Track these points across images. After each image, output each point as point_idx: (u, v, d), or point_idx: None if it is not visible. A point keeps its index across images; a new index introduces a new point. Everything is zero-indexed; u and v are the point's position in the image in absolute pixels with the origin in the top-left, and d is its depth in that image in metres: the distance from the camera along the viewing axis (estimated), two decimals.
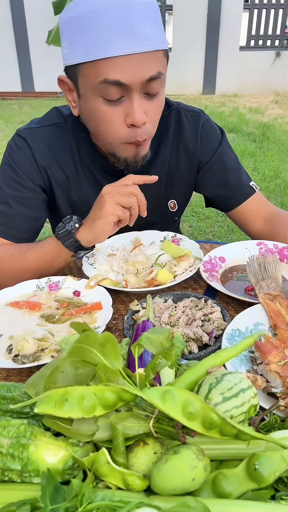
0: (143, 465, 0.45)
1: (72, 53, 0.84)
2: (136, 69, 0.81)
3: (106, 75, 0.81)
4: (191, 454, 0.42)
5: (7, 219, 1.03)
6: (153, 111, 0.89)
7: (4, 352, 0.75)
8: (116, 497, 0.41)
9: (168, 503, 0.41)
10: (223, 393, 0.47)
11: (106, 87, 0.82)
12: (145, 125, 0.88)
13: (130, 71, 0.80)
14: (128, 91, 0.83)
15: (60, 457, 0.45)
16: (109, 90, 0.83)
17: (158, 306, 0.82)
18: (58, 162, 1.05)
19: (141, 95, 0.85)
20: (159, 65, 0.84)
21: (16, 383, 0.55)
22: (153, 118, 0.91)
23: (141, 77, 0.82)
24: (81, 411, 0.44)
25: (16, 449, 0.45)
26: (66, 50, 0.86)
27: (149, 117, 0.89)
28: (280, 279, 0.88)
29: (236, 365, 0.65)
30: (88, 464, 0.44)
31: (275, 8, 8.17)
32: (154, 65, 0.83)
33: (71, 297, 0.91)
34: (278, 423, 0.52)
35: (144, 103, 0.87)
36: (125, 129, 0.88)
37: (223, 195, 1.16)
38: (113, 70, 0.80)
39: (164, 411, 0.43)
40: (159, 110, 0.93)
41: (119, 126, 0.88)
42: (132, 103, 0.84)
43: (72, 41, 0.83)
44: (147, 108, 0.87)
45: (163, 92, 0.92)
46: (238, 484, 0.43)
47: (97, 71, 0.81)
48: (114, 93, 0.83)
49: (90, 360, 0.49)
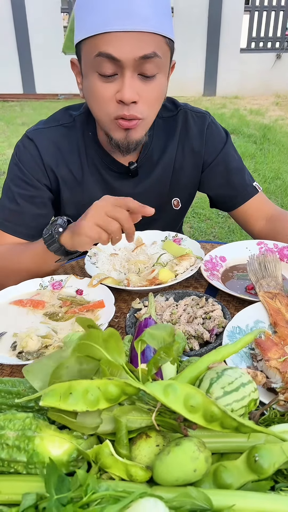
0: (145, 457, 0.46)
1: (78, 31, 0.87)
2: (130, 45, 0.82)
3: (100, 49, 0.83)
4: (193, 446, 0.43)
5: (15, 217, 1.06)
6: (147, 93, 0.89)
7: (9, 349, 0.76)
8: (119, 488, 0.42)
9: (170, 493, 0.42)
10: (224, 387, 0.48)
11: (100, 61, 0.84)
12: (135, 105, 0.89)
13: (123, 47, 0.82)
14: (121, 68, 0.85)
15: (65, 449, 0.46)
16: (103, 65, 0.85)
17: (160, 305, 0.84)
18: (65, 161, 1.07)
19: (134, 74, 0.86)
20: (157, 48, 0.85)
21: (20, 378, 0.56)
22: (147, 100, 0.90)
23: (134, 54, 0.83)
24: (85, 404, 0.45)
25: (22, 441, 0.46)
26: (75, 30, 0.89)
27: (142, 99, 0.89)
28: (280, 277, 0.89)
29: (236, 362, 0.66)
30: (92, 456, 0.45)
31: (276, 10, 8.20)
32: (149, 45, 0.84)
33: (74, 295, 0.93)
34: (277, 417, 0.53)
35: (138, 83, 0.87)
36: (115, 105, 0.89)
37: (226, 194, 1.18)
38: (107, 44, 0.82)
39: (166, 404, 0.44)
40: (156, 95, 0.92)
41: (109, 101, 0.89)
42: (123, 80, 0.86)
43: (78, 20, 0.87)
44: (141, 89, 0.88)
45: (162, 79, 0.92)
46: (239, 475, 0.44)
47: (94, 46, 0.84)
48: (108, 68, 0.85)
49: (94, 355, 0.50)
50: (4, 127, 6.22)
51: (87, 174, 1.09)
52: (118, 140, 0.95)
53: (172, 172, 1.14)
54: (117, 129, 0.93)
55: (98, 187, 1.09)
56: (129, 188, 1.10)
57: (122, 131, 0.93)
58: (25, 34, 7.98)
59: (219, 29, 7.91)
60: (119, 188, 1.10)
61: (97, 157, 1.08)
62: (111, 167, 1.08)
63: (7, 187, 1.07)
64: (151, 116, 0.95)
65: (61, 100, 7.92)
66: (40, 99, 8.16)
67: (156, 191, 1.14)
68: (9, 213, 1.06)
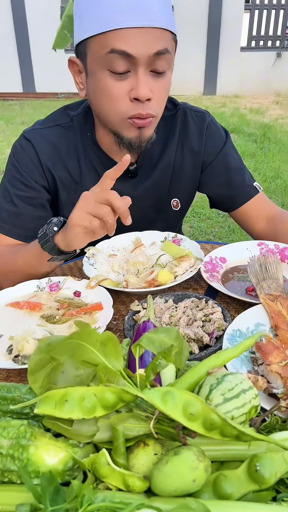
0: (143, 466, 0.44)
1: (83, 29, 0.85)
2: (144, 42, 0.81)
3: (113, 45, 0.82)
4: (192, 455, 0.42)
5: (13, 218, 1.04)
6: (159, 90, 0.89)
7: (5, 353, 0.75)
8: (116, 499, 0.41)
9: (168, 504, 0.41)
10: (224, 394, 0.47)
11: (113, 59, 0.83)
12: (149, 102, 0.88)
13: (138, 43, 0.81)
14: (135, 65, 0.83)
15: (60, 458, 0.45)
16: (116, 62, 0.83)
17: (159, 307, 0.82)
18: (63, 162, 1.06)
19: (147, 71, 0.85)
20: (167, 43, 0.84)
21: (16, 383, 0.55)
22: (158, 97, 0.90)
23: (149, 50, 0.82)
24: (81, 411, 0.44)
25: (16, 450, 0.44)
26: (77, 28, 0.87)
27: (154, 96, 0.88)
28: (281, 279, 0.87)
29: (237, 366, 0.65)
30: (88, 465, 0.44)
31: (276, 8, 8.17)
32: (161, 41, 0.83)
33: (72, 297, 0.91)
34: (279, 424, 0.52)
35: (150, 80, 0.86)
36: (128, 103, 0.88)
37: (226, 195, 1.17)
38: (121, 40, 0.81)
39: (164, 412, 0.43)
40: (165, 92, 0.92)
41: (122, 100, 0.87)
42: (138, 77, 0.84)
43: (83, 16, 0.85)
44: (153, 86, 0.87)
45: (170, 76, 0.91)
46: (239, 485, 0.43)
47: (105, 42, 0.82)
48: (121, 65, 0.83)
49: (90, 360, 0.48)
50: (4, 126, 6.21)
51: (85, 175, 1.07)
52: (130, 138, 0.93)
53: (171, 173, 1.13)
54: (130, 128, 0.92)
55: None
56: (128, 189, 1.09)
57: (136, 130, 0.92)
58: (25, 33, 7.96)
59: (219, 27, 7.88)
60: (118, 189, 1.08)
61: (95, 158, 1.06)
62: (110, 168, 1.06)
63: (4, 188, 1.05)
64: (161, 112, 0.95)
65: (61, 99, 7.90)
66: (40, 98, 8.14)
67: (155, 192, 1.13)
68: (6, 214, 1.04)
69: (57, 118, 1.08)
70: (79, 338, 0.48)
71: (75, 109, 1.09)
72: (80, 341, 0.48)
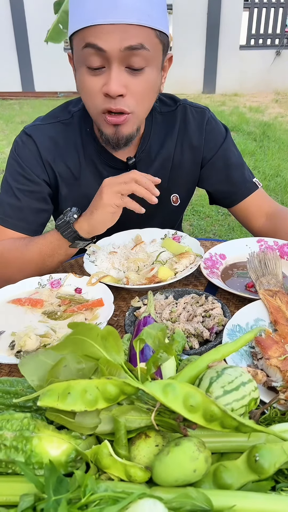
0: (145, 457, 0.45)
1: (70, 26, 0.88)
2: (115, 36, 0.82)
3: (87, 40, 0.84)
4: (192, 446, 0.43)
5: (16, 212, 1.05)
6: (136, 86, 0.88)
7: (7, 348, 0.75)
8: (118, 489, 0.42)
9: (170, 494, 0.41)
10: (224, 387, 0.48)
11: (87, 53, 0.85)
12: (123, 98, 0.88)
13: (109, 38, 0.82)
14: (108, 60, 0.84)
15: (63, 449, 0.45)
16: (91, 57, 0.85)
17: (159, 303, 0.83)
18: (63, 158, 1.07)
19: (121, 67, 0.86)
20: (144, 40, 0.84)
21: (18, 378, 0.56)
22: (136, 94, 0.89)
23: (119, 45, 0.82)
24: (84, 404, 0.45)
25: (20, 441, 0.45)
26: (69, 25, 0.90)
27: (131, 92, 0.88)
28: (280, 275, 0.88)
29: (236, 360, 0.66)
30: (91, 456, 0.45)
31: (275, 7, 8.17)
32: (135, 36, 0.83)
33: (73, 294, 0.92)
34: (278, 416, 0.53)
35: (125, 76, 0.87)
36: (101, 98, 0.89)
37: (226, 190, 1.17)
38: (94, 36, 0.83)
39: (165, 404, 0.43)
40: (144, 88, 0.90)
41: (96, 95, 0.89)
42: (110, 73, 0.86)
43: (71, 14, 0.87)
44: (129, 82, 0.87)
45: (152, 72, 0.90)
46: (239, 475, 0.44)
47: (82, 38, 0.85)
48: (95, 61, 0.85)
49: (92, 354, 0.49)
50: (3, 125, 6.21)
51: (84, 170, 1.08)
52: (108, 135, 0.95)
53: (170, 168, 1.13)
54: (106, 124, 0.93)
55: (96, 183, 1.08)
56: None
57: (111, 127, 0.93)
58: (24, 32, 7.95)
59: (218, 26, 7.88)
60: None
61: (94, 152, 1.07)
62: (108, 162, 1.08)
63: (6, 183, 1.06)
64: (142, 110, 0.94)
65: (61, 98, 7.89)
66: (39, 97, 8.13)
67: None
68: (9, 208, 1.05)
69: (57, 114, 1.09)
70: (81, 333, 0.48)
71: (76, 104, 1.10)
72: (82, 336, 0.48)
